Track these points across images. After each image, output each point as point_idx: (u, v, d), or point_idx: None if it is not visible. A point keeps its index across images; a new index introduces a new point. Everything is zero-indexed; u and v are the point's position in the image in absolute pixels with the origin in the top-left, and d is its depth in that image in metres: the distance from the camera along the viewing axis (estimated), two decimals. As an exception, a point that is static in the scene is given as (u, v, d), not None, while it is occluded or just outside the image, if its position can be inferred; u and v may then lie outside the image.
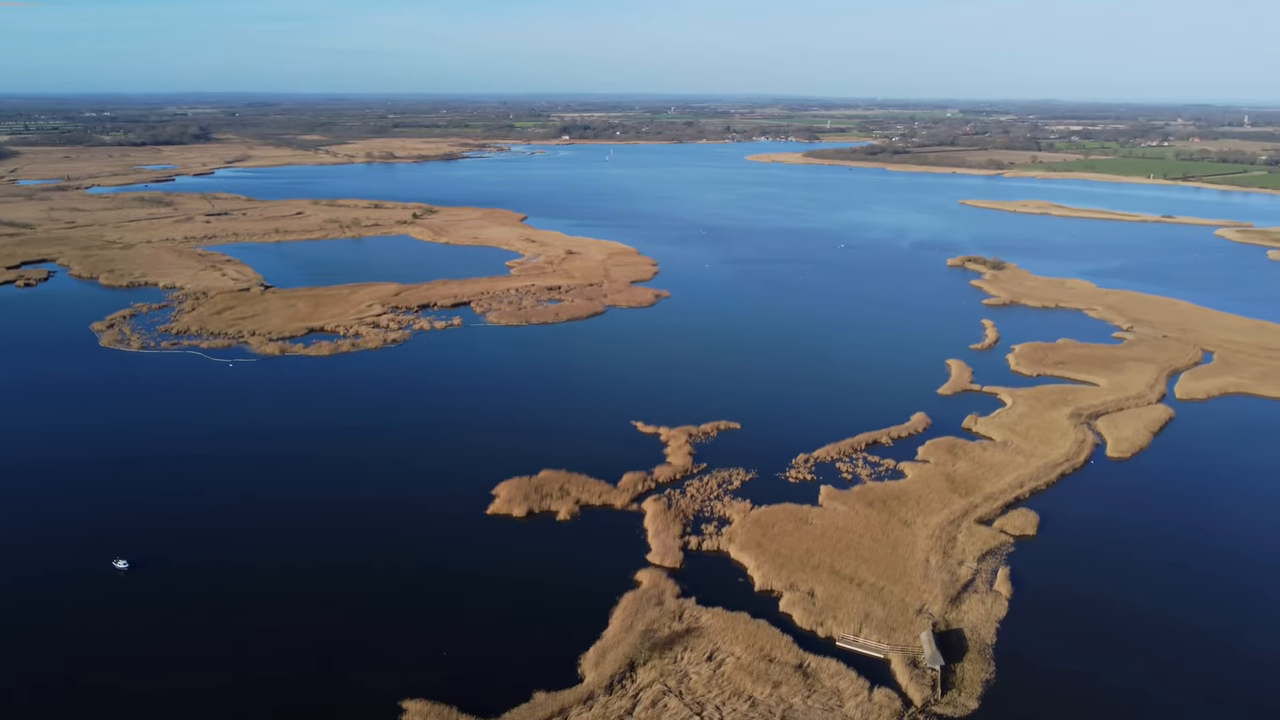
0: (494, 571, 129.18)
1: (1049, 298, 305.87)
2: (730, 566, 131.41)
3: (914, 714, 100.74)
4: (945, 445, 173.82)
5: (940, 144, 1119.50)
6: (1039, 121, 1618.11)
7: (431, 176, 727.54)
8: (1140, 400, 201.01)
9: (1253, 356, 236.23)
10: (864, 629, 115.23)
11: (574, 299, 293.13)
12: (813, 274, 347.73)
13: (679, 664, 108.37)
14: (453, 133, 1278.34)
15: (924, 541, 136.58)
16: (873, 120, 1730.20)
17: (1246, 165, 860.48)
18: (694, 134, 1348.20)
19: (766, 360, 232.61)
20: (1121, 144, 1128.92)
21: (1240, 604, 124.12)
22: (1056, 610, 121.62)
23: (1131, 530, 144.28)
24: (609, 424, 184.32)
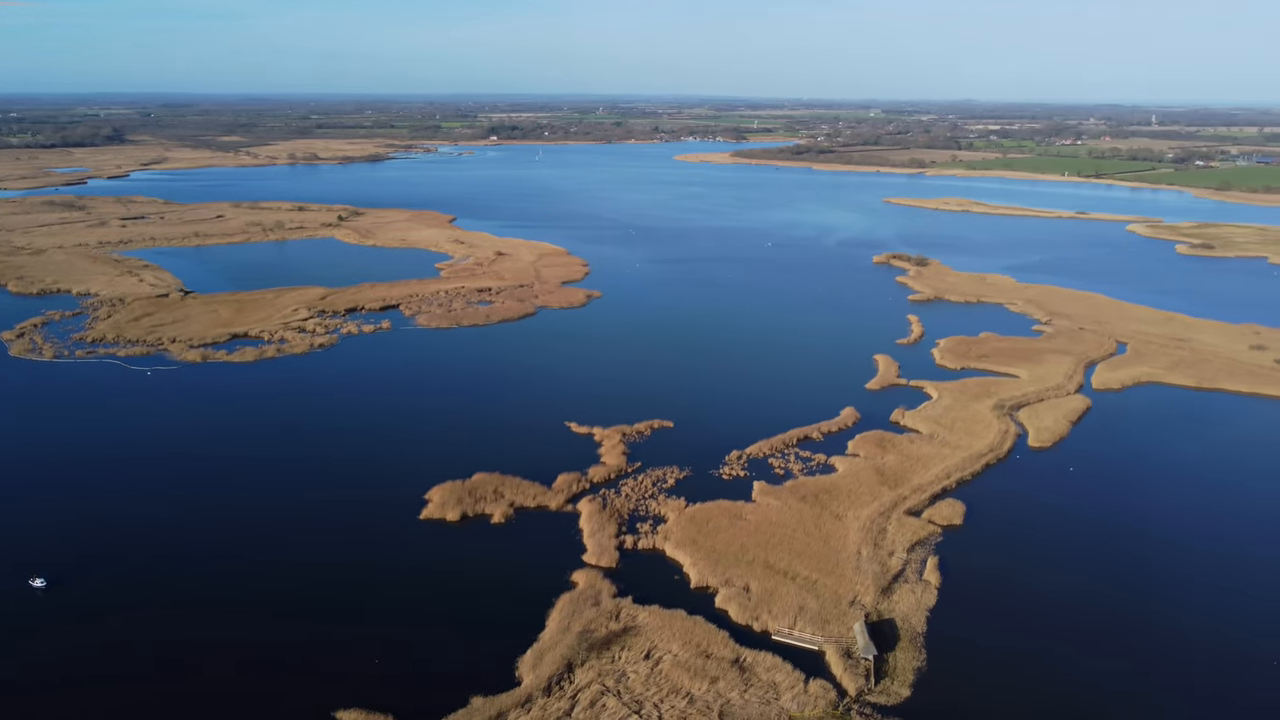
0: (428, 577, 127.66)
1: (971, 293, 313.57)
2: (666, 564, 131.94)
3: (848, 704, 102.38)
4: (874, 439, 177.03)
5: (864, 143, 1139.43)
6: (958, 121, 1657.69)
7: (357, 178, 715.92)
8: (1059, 391, 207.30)
9: (1163, 347, 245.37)
10: (799, 622, 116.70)
11: (505, 300, 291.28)
12: (742, 272, 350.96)
13: (617, 663, 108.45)
14: (378, 133, 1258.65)
15: (855, 534, 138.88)
16: (798, 120, 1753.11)
17: (1155, 163, 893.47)
18: (622, 134, 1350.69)
19: (698, 358, 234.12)
20: (1037, 143, 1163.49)
21: (1160, 582, 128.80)
22: (984, 596, 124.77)
23: (1054, 516, 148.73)
24: (542, 425, 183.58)
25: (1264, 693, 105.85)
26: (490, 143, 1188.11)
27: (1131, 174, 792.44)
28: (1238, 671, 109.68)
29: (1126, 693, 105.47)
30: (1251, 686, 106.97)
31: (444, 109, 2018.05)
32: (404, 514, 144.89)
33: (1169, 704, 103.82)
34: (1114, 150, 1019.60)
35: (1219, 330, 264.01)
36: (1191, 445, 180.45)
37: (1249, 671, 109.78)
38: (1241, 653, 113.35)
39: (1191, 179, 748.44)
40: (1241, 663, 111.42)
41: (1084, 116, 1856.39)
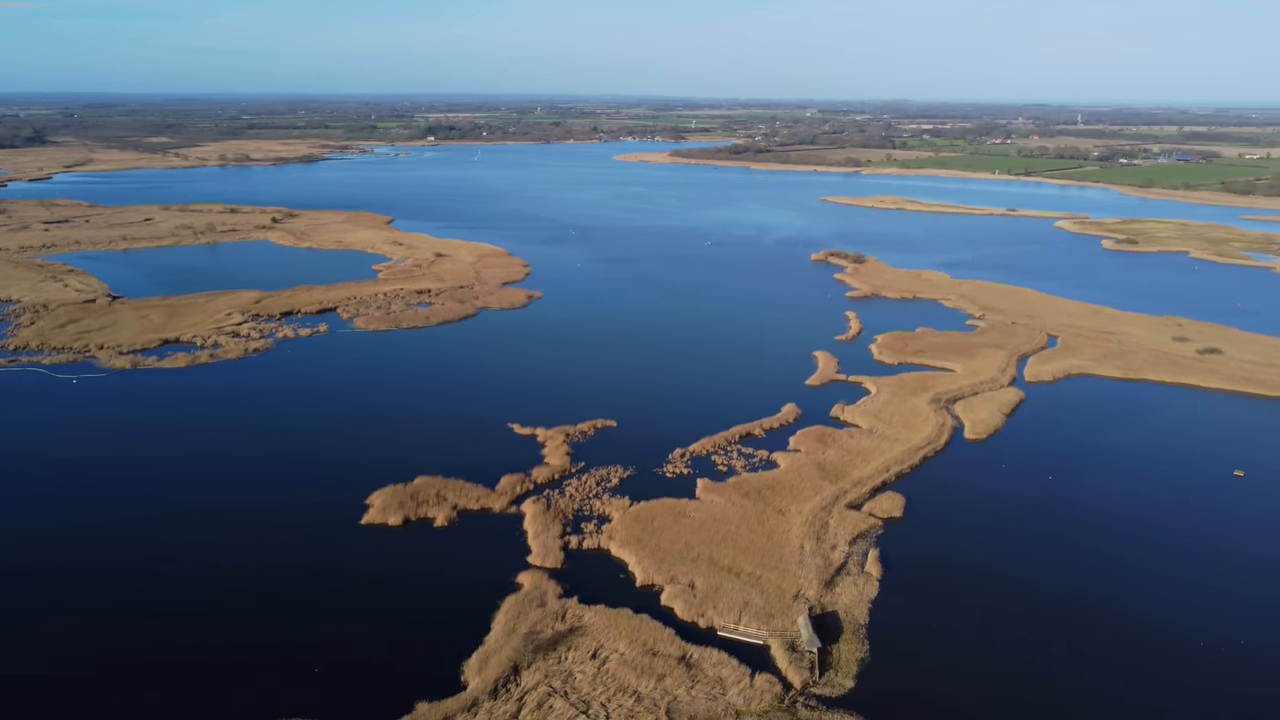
0: (370, 583, 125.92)
1: (907, 289, 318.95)
2: (611, 563, 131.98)
3: (794, 696, 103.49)
4: (815, 434, 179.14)
5: (801, 143, 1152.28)
6: (893, 121, 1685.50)
7: (291, 179, 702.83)
8: (993, 384, 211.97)
9: (1092, 340, 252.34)
10: (744, 617, 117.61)
11: (444, 302, 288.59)
12: (682, 271, 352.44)
13: (563, 664, 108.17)
14: (312, 134, 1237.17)
15: (798, 529, 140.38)
16: (736, 120, 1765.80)
17: (1081, 161, 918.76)
18: (561, 134, 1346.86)
19: (640, 357, 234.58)
20: (969, 142, 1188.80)
21: (1094, 565, 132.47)
22: (924, 587, 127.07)
23: (991, 506, 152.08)
24: (485, 427, 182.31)
25: (1195, 669, 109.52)
26: (427, 143, 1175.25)
27: (1059, 172, 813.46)
28: (1168, 648, 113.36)
29: (1067, 673, 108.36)
30: (1180, 662, 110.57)
31: (380, 109, 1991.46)
32: (344, 519, 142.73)
33: (1106, 682, 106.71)
34: (1042, 149, 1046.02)
35: (1144, 323, 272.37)
36: (1120, 434, 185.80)
37: (1178, 648, 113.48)
38: (1170, 630, 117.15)
39: (1116, 176, 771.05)
40: (1170, 640, 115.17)
41: (1013, 116, 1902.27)
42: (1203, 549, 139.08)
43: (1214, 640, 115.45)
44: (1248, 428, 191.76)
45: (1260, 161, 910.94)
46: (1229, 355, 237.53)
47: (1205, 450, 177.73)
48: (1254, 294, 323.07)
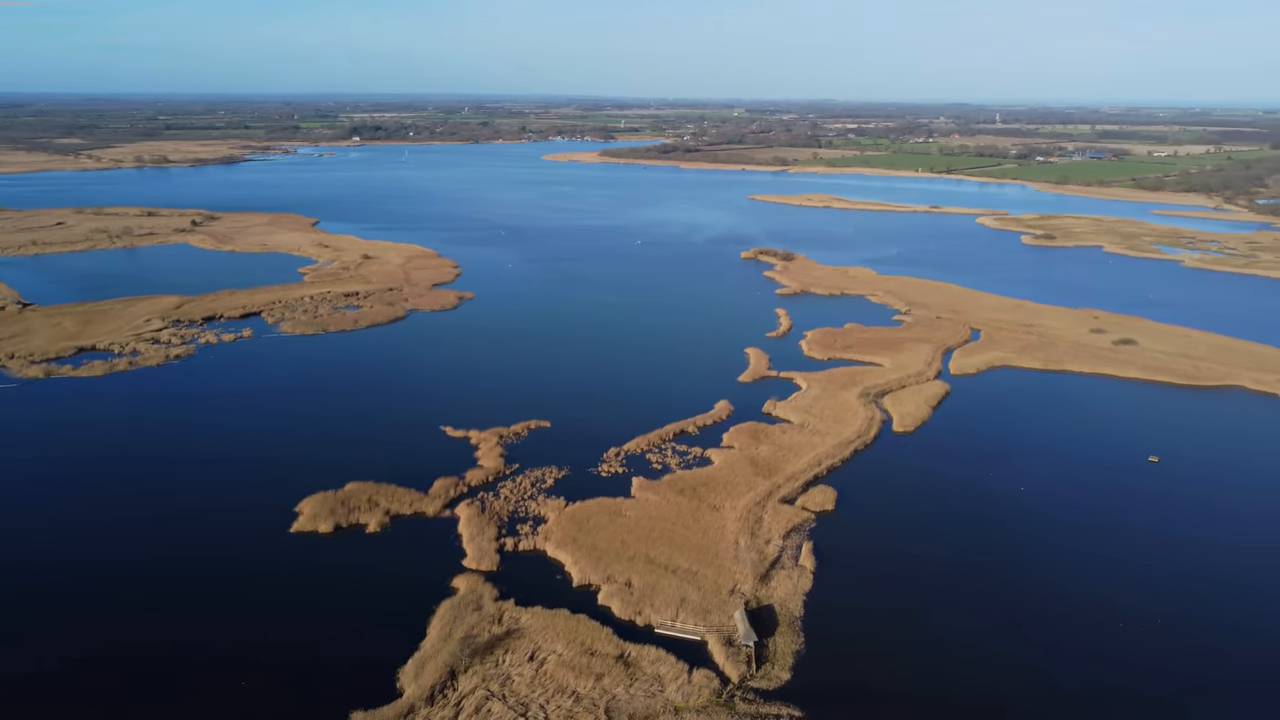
0: (301, 592, 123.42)
1: (835, 286, 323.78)
2: (548, 564, 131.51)
3: (731, 691, 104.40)
4: (748, 430, 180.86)
5: (729, 142, 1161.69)
6: (818, 120, 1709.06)
7: (211, 181, 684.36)
8: (920, 377, 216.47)
9: (1013, 333, 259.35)
10: (680, 614, 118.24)
11: (373, 304, 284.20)
12: (614, 270, 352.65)
13: (501, 667, 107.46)
14: (232, 134, 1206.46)
15: (733, 524, 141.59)
16: (665, 120, 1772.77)
17: (1000, 159, 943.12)
18: (490, 134, 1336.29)
19: (573, 357, 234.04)
20: (892, 140, 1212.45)
21: (1021, 549, 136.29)
22: (857, 578, 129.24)
23: (919, 496, 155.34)
24: (417, 430, 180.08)
25: (1117, 645, 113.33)
26: (353, 144, 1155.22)
27: (979, 170, 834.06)
28: (1092, 625, 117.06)
29: (997, 652, 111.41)
30: (1103, 639, 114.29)
31: (303, 109, 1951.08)
32: (273, 529, 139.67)
33: (1036, 659, 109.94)
34: (963, 147, 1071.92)
35: (1062, 315, 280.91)
36: (1042, 423, 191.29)
37: (1101, 626, 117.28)
38: (1094, 608, 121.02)
39: (1033, 174, 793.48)
40: (1094, 618, 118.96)
41: (934, 115, 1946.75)
42: (1122, 531, 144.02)
43: (1134, 618, 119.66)
44: (1161, 415, 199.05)
45: (1168, 159, 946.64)
46: (1142, 346, 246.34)
47: (1122, 437, 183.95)
48: (1164, 286, 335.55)
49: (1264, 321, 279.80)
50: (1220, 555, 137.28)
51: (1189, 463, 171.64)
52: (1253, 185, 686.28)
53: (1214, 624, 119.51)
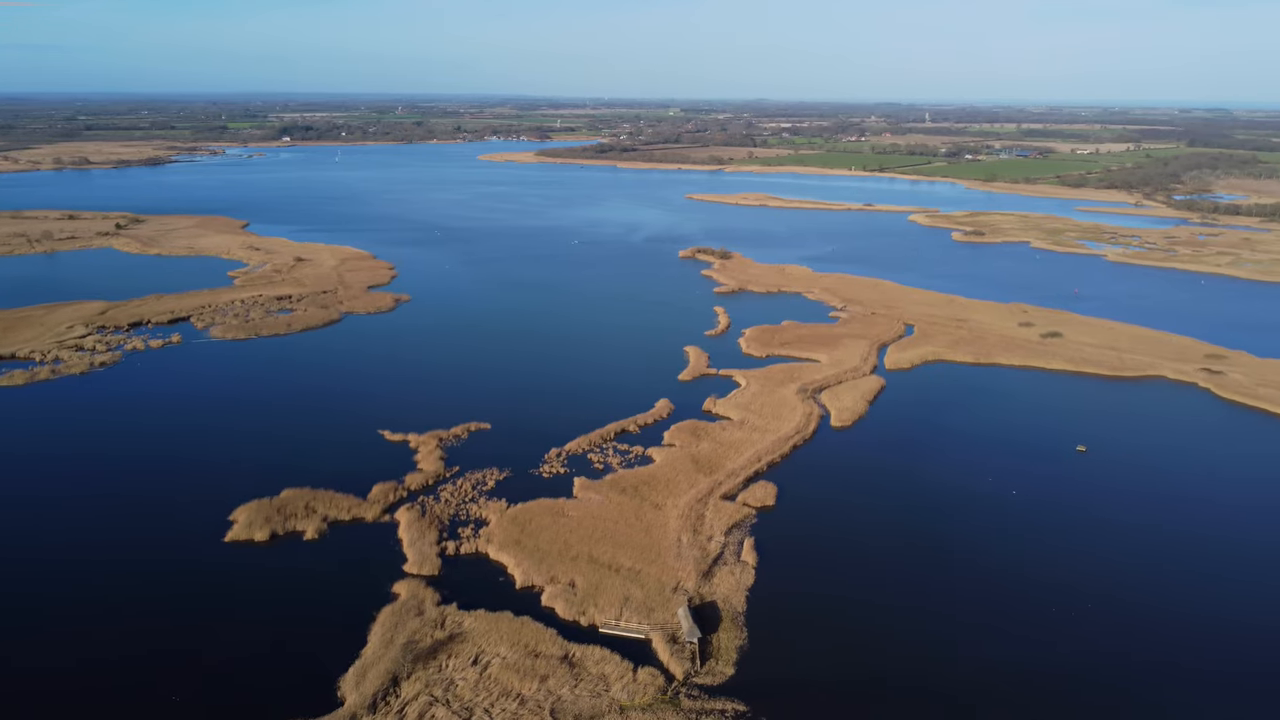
0: (236, 602, 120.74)
1: (772, 283, 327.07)
2: (490, 567, 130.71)
3: (676, 687, 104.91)
4: (688, 428, 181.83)
5: (665, 142, 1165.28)
6: (753, 119, 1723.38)
7: (136, 183, 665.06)
8: (856, 373, 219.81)
9: (945, 327, 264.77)
10: (624, 612, 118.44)
11: (307, 307, 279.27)
12: (552, 270, 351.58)
13: (444, 672, 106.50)
14: (156, 135, 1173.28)
15: (675, 522, 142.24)
16: (600, 119, 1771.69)
17: (930, 157, 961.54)
18: (424, 134, 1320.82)
19: (513, 358, 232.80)
20: (825, 139, 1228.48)
21: (955, 539, 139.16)
22: (798, 572, 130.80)
23: (858, 490, 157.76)
24: (354, 435, 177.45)
25: (1057, 626, 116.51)
26: (283, 144, 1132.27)
27: (910, 168, 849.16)
28: (1027, 612, 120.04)
29: (937, 641, 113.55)
30: (1038, 625, 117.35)
31: (230, 109, 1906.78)
32: (207, 538, 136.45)
33: (977, 647, 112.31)
34: (894, 146, 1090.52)
35: (992, 310, 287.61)
36: (975, 415, 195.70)
37: (1035, 611, 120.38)
38: (1028, 595, 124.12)
39: (962, 171, 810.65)
40: (1028, 604, 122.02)
41: (866, 114, 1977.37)
42: (1053, 518, 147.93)
43: (1066, 602, 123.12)
44: (1087, 405, 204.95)
45: (1090, 156, 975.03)
46: (1069, 338, 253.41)
47: (1051, 428, 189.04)
48: (1088, 280, 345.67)
49: (1183, 313, 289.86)
50: (1145, 539, 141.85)
51: (1115, 451, 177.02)
52: (1170, 182, 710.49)
53: (1142, 605, 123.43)
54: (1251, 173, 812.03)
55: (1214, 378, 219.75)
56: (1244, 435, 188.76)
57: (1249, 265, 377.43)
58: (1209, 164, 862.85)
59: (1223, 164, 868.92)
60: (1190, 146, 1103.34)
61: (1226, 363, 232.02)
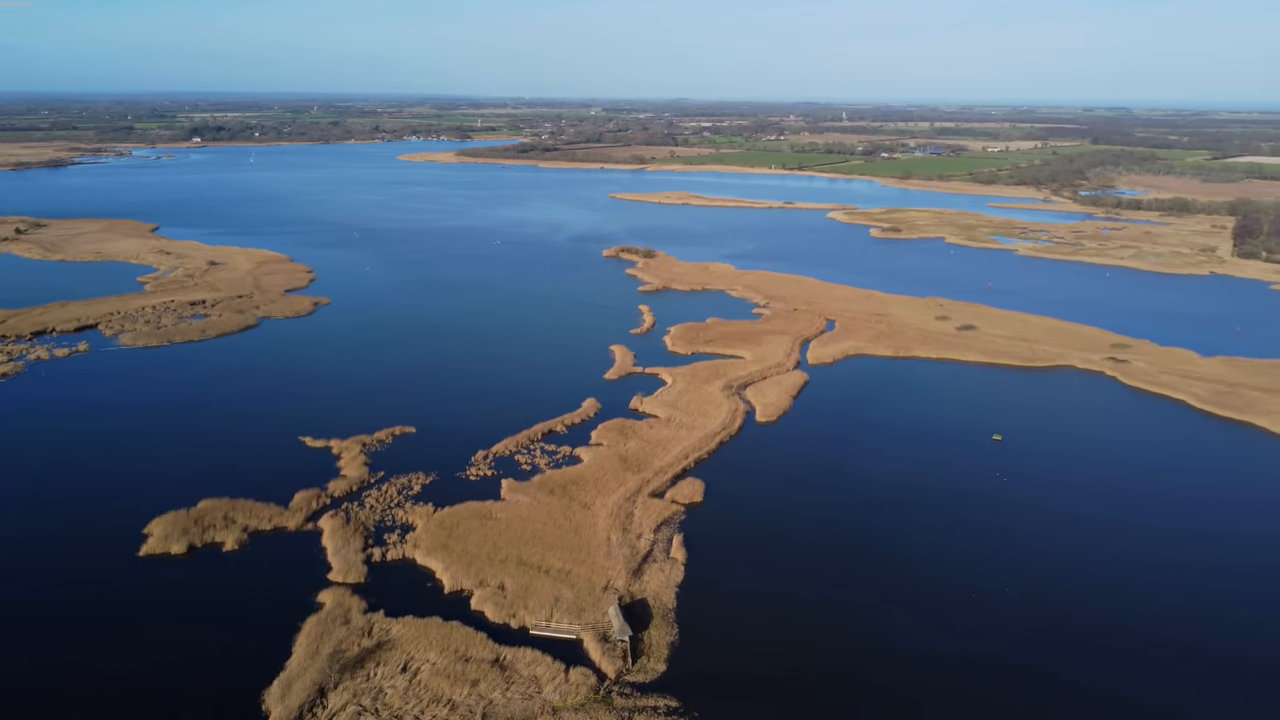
0: (153, 618, 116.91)
1: (696, 281, 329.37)
2: (418, 573, 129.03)
3: (609, 686, 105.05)
4: (616, 427, 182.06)
5: (587, 141, 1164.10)
6: (673, 119, 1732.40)
7: (37, 186, 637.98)
8: (780, 368, 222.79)
9: (865, 322, 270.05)
10: (555, 613, 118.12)
11: (222, 313, 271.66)
12: (475, 271, 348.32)
13: (372, 681, 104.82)
14: (58, 136, 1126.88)
15: (604, 521, 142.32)
16: (522, 119, 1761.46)
17: (847, 155, 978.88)
18: (341, 134, 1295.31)
19: (436, 360, 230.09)
20: (746, 138, 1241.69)
21: (878, 527, 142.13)
22: (727, 566, 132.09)
23: (784, 484, 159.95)
24: (274, 442, 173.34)
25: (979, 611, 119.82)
26: (193, 145, 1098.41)
27: (828, 166, 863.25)
28: (948, 597, 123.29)
29: (863, 629, 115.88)
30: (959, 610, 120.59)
31: (137, 109, 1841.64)
32: (120, 553, 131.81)
33: (903, 634, 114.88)
34: (812, 145, 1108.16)
35: (910, 304, 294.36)
36: (894, 407, 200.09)
37: (955, 597, 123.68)
38: (949, 580, 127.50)
39: (879, 169, 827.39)
40: (949, 590, 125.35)
41: (785, 114, 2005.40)
42: (972, 506, 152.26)
43: (986, 587, 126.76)
44: (1002, 396, 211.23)
45: (1001, 154, 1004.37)
46: (983, 331, 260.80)
47: (968, 418, 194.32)
48: (1001, 274, 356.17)
49: (1090, 305, 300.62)
50: (1059, 525, 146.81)
51: (1030, 439, 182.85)
52: (1076, 178, 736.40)
53: (1057, 588, 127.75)
54: (1151, 169, 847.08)
55: (1120, 366, 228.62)
56: (1148, 421, 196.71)
57: (1150, 258, 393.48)
58: (1112, 161, 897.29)
59: (1124, 161, 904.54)
60: (1094, 144, 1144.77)
61: (1131, 352, 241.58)
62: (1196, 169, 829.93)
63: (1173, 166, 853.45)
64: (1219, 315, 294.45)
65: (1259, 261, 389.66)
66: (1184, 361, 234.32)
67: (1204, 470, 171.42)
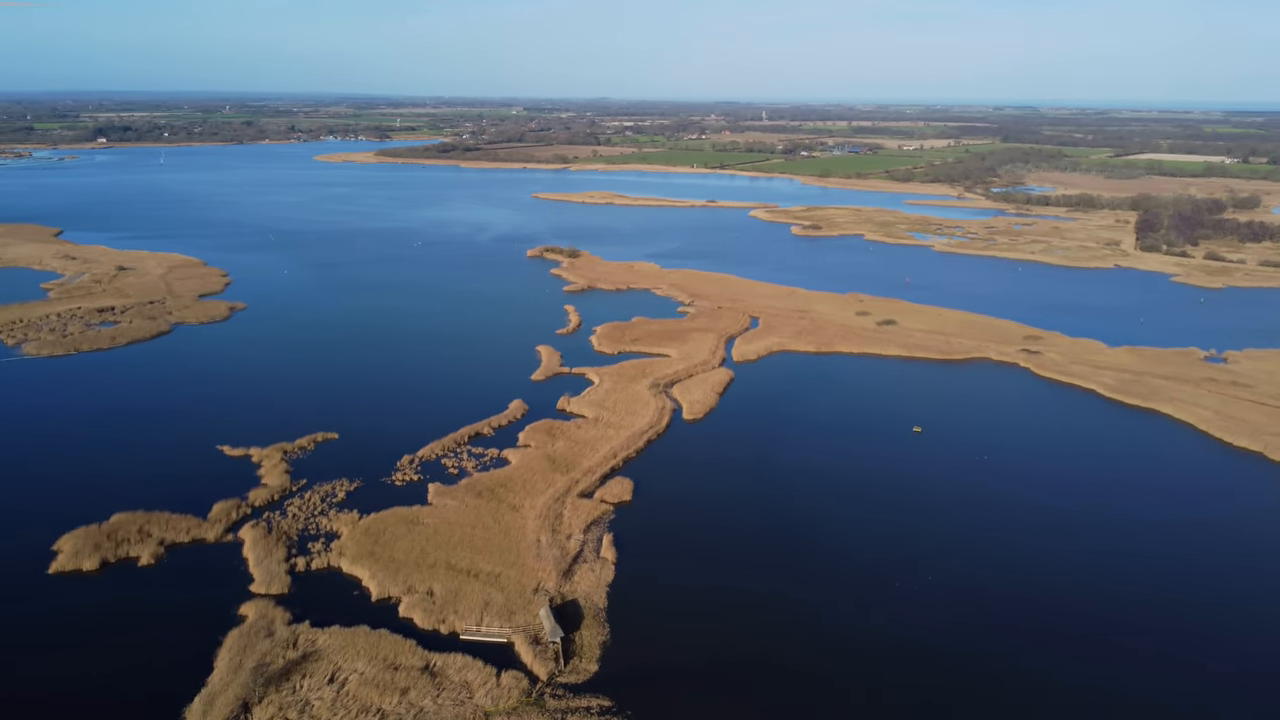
0: (66, 638, 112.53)
1: (621, 281, 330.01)
2: (344, 581, 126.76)
3: (541, 689, 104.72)
4: (543, 428, 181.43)
5: (509, 141, 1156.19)
6: (596, 118, 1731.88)
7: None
8: (705, 366, 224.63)
9: (788, 319, 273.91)
10: (485, 617, 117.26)
11: (132, 319, 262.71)
12: (397, 273, 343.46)
13: (298, 693, 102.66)
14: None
15: (533, 522, 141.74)
16: (442, 118, 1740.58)
17: (768, 154, 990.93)
18: (255, 134, 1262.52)
19: (359, 365, 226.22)
20: (668, 138, 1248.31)
21: (805, 521, 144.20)
22: (657, 564, 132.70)
23: (712, 480, 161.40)
24: (191, 452, 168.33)
25: (903, 599, 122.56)
26: (98, 145, 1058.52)
27: (749, 165, 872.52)
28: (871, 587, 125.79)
29: (792, 621, 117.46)
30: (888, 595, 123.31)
31: (37, 108, 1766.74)
32: (27, 571, 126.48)
33: (832, 624, 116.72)
34: (733, 144, 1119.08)
35: (831, 300, 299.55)
36: (819, 402, 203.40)
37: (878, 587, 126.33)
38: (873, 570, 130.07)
39: (798, 168, 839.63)
40: (882, 577, 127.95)
41: (706, 113, 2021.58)
42: (895, 496, 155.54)
43: (909, 575, 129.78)
44: (921, 388, 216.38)
45: (916, 152, 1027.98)
46: (902, 325, 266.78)
47: (889, 410, 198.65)
48: (918, 270, 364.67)
49: (1003, 298, 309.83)
50: (978, 513, 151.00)
51: (948, 430, 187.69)
52: (987, 175, 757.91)
53: (976, 574, 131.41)
54: (1058, 166, 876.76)
55: (1032, 357, 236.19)
56: (1061, 410, 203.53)
57: (1059, 252, 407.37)
58: (1021, 158, 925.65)
59: (1033, 158, 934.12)
60: (1004, 142, 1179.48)
61: (1043, 343, 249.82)
62: (1101, 166, 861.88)
63: (1078, 164, 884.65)
64: (1124, 307, 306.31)
65: (1160, 254, 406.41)
66: (1092, 352, 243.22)
67: (1114, 456, 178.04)
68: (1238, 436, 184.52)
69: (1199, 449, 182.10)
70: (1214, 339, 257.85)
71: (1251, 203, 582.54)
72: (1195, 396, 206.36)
